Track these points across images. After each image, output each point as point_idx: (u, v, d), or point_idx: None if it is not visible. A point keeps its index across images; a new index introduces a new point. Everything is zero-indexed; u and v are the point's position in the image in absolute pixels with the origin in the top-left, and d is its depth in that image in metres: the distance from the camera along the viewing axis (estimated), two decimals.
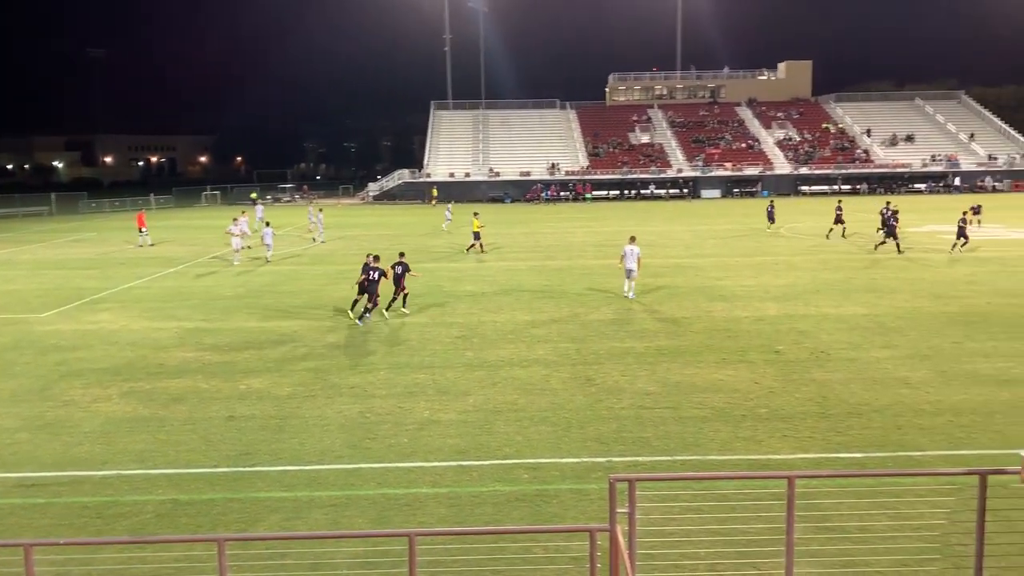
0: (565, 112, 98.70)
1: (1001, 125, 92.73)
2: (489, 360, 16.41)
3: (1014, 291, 22.86)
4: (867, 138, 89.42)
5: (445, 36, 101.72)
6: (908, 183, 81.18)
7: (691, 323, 19.62)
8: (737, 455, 10.93)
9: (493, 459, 11.00)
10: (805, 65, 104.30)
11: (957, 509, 8.30)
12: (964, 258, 30.23)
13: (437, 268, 30.96)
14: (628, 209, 66.37)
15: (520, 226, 50.61)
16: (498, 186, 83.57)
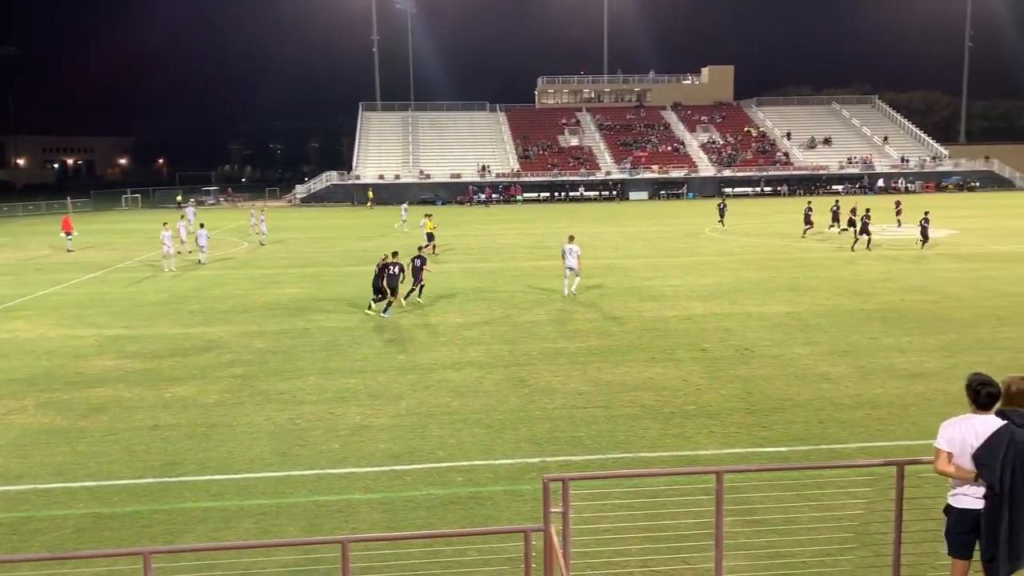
0: (495, 114, 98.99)
1: (912, 128, 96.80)
2: (421, 363, 16.33)
3: (926, 287, 23.88)
4: (787, 141, 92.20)
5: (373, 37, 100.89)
6: (826, 184, 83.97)
7: (621, 323, 19.90)
8: (667, 451, 11.13)
9: (426, 463, 10.95)
10: (727, 70, 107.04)
11: (876, 499, 8.63)
12: (881, 256, 31.42)
13: (367, 271, 30.61)
14: (558, 211, 66.94)
15: (451, 228, 50.49)
16: (429, 188, 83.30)
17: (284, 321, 21.04)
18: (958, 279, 25.38)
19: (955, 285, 24.23)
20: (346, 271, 30.77)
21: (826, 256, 32.18)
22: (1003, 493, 5.72)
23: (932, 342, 17.13)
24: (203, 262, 33.99)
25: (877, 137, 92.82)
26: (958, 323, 18.95)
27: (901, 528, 6.43)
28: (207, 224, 39.74)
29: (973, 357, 15.68)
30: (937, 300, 21.90)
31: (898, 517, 6.41)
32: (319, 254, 37.16)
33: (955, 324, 18.84)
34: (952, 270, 27.48)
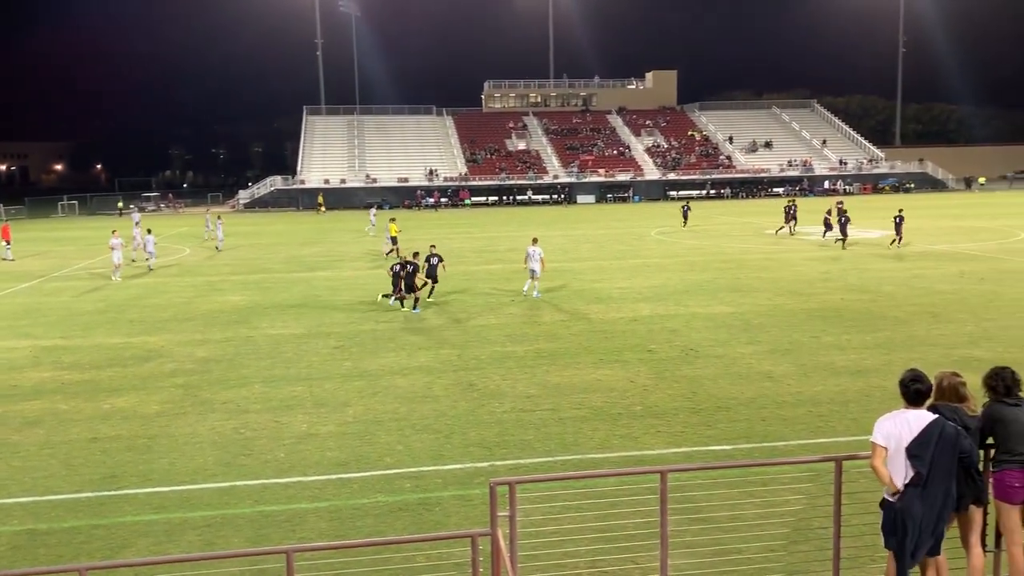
0: (442, 118, 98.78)
1: (850, 132, 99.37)
2: (369, 369, 16.21)
3: (864, 287, 24.53)
4: (729, 145, 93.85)
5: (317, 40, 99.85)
6: (768, 187, 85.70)
7: (569, 326, 20.01)
8: (614, 452, 11.23)
9: (374, 470, 10.87)
10: (671, 75, 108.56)
11: (817, 494, 8.82)
12: (819, 256, 32.18)
13: (312, 277, 30.32)
14: (506, 215, 67.07)
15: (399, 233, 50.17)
16: (376, 192, 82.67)
17: (227, 329, 20.68)
18: (893, 278, 26.13)
19: (890, 284, 24.94)
20: (291, 277, 30.38)
21: (768, 257, 32.83)
22: (922, 485, 5.90)
23: (869, 340, 17.60)
24: (152, 268, 33.53)
25: (816, 140, 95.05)
26: (893, 321, 19.51)
27: (840, 522, 6.59)
28: (151, 230, 38.81)
29: (908, 354, 16.16)
30: (874, 299, 22.52)
31: (837, 511, 6.57)
32: (263, 261, 36.61)
33: (891, 322, 19.39)
34: (888, 270, 28.28)
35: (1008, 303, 21.35)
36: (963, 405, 6.31)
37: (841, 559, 6.66)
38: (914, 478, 5.91)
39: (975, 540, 6.30)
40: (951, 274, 26.74)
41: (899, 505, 5.95)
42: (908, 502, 5.90)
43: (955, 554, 6.54)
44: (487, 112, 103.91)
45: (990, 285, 24.31)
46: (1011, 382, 6.28)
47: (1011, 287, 23.88)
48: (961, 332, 18.10)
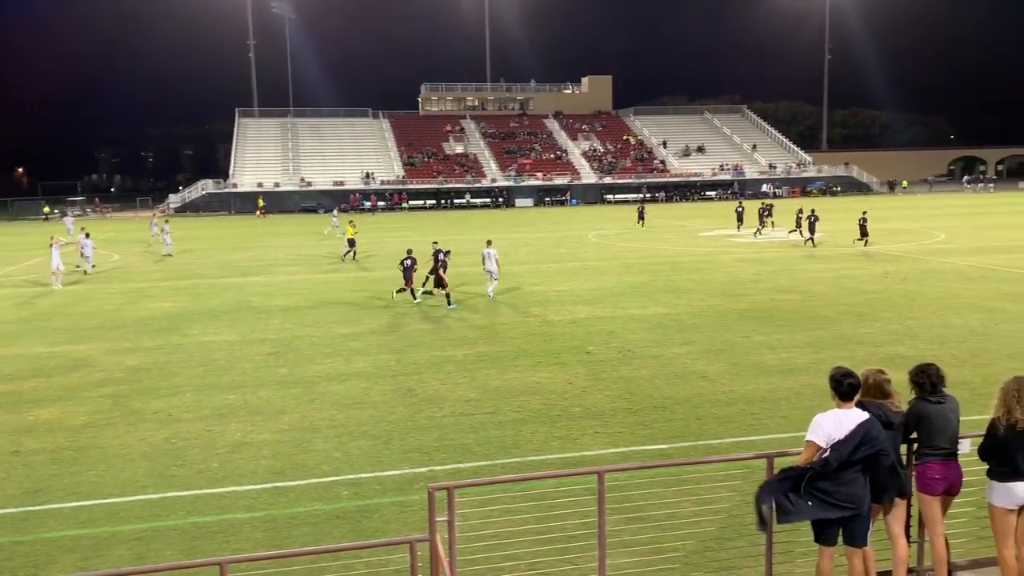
0: (378, 121, 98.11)
1: (779, 137, 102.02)
2: (305, 376, 15.97)
3: (792, 287, 25.19)
4: (663, 149, 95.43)
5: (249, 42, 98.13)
6: (701, 191, 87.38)
7: (508, 329, 20.06)
8: (553, 454, 11.29)
9: (311, 478, 10.71)
10: (606, 80, 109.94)
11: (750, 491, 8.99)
12: (750, 258, 32.94)
13: (246, 283, 29.76)
14: (444, 218, 66.91)
15: (335, 238, 49.64)
16: (311, 196, 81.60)
17: (158, 337, 20.14)
18: (822, 279, 26.91)
19: (819, 284, 25.67)
20: (223, 283, 29.76)
21: (701, 259, 33.46)
22: (830, 468, 6.05)
23: (800, 339, 18.08)
24: (90, 273, 32.77)
25: (747, 145, 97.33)
26: (823, 320, 20.08)
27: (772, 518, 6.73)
28: (89, 233, 37.51)
29: (837, 352, 16.64)
30: (803, 299, 23.14)
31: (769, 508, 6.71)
32: (194, 266, 35.78)
33: (820, 321, 19.95)
34: (816, 270, 29.11)
35: (930, 302, 22.18)
36: (888, 401, 6.52)
37: (773, 553, 6.82)
38: (823, 464, 6.05)
39: (899, 531, 6.52)
40: (876, 274, 27.66)
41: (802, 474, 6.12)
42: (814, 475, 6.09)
43: (881, 545, 6.77)
44: (424, 115, 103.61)
45: (913, 285, 25.22)
46: (936, 379, 6.52)
47: (932, 286, 24.82)
48: (886, 330, 18.73)
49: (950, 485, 6.49)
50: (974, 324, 19.15)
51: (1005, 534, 6.34)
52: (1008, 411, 6.22)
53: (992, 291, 23.67)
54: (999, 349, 16.60)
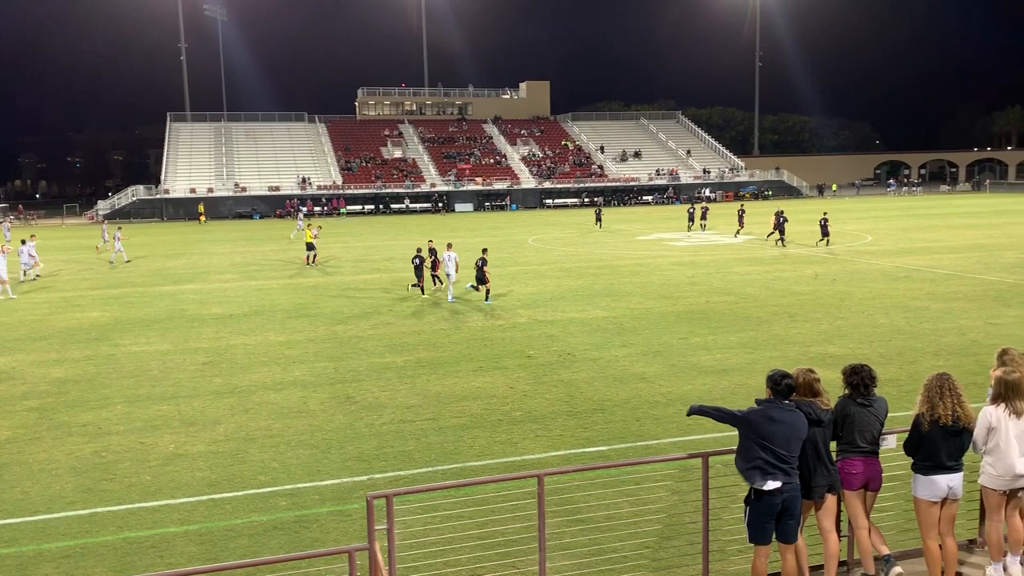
0: (315, 126, 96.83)
1: (712, 142, 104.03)
2: (240, 385, 15.66)
3: (727, 289, 25.72)
4: (601, 154, 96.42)
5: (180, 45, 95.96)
6: (638, 195, 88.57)
7: (450, 334, 20.01)
8: (495, 459, 11.30)
9: (248, 489, 10.51)
10: (544, 85, 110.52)
11: (687, 490, 9.17)
12: (686, 261, 33.50)
13: (179, 291, 29.05)
14: (384, 224, 66.40)
15: (271, 243, 48.87)
16: (246, 202, 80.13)
17: (86, 347, 19.52)
18: (754, 281, 27.53)
19: (752, 286, 26.26)
20: (155, 291, 28.98)
21: (638, 263, 33.91)
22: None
23: (734, 339, 18.46)
24: (33, 278, 32.30)
25: (682, 150, 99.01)
26: (756, 321, 20.54)
27: (708, 516, 6.87)
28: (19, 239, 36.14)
29: (770, 352, 17.05)
30: (737, 300, 23.64)
31: (705, 506, 6.85)
32: (125, 274, 34.78)
33: (753, 322, 20.41)
34: (749, 272, 29.76)
35: (858, 302, 22.88)
36: (817, 399, 6.70)
37: (710, 552, 6.95)
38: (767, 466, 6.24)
39: (830, 526, 6.71)
40: (807, 276, 28.42)
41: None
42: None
43: (813, 540, 6.95)
44: (361, 120, 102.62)
45: (841, 286, 25.98)
46: (868, 379, 6.72)
47: (860, 287, 25.61)
48: (816, 330, 19.25)
49: (869, 480, 6.70)
50: (900, 323, 19.83)
51: (930, 526, 6.57)
52: (931, 407, 6.45)
53: (916, 291, 24.54)
54: (924, 347, 17.21)
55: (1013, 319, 19.94)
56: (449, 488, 7.44)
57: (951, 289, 24.69)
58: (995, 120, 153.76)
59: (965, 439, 6.51)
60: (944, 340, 17.82)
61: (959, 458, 6.56)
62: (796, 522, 6.34)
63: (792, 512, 6.28)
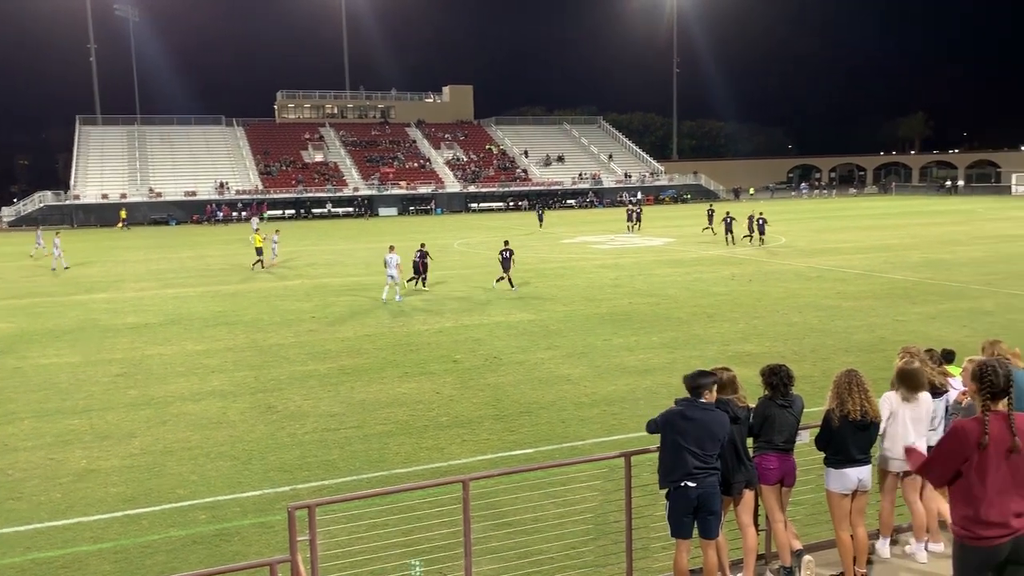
0: (232, 129, 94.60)
1: (633, 147, 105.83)
2: (157, 397, 15.18)
3: (649, 291, 26.20)
4: (525, 159, 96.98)
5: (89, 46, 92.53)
6: (562, 199, 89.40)
7: (373, 340, 19.81)
8: (421, 465, 11.24)
9: (165, 503, 10.19)
10: (467, 90, 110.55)
11: (612, 490, 9.28)
12: (609, 264, 33.97)
13: (91, 300, 27.97)
14: (305, 228, 65.26)
15: (187, 249, 47.54)
16: (161, 207, 77.71)
17: None
18: (675, 282, 28.13)
19: (672, 288, 26.82)
20: (66, 300, 27.83)
21: (563, 266, 34.23)
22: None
23: (655, 340, 18.82)
24: None
25: (603, 155, 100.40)
26: (676, 321, 20.98)
27: (631, 515, 6.99)
28: None
29: (690, 351, 17.44)
30: (658, 302, 24.11)
31: (628, 505, 6.96)
32: (33, 283, 33.29)
33: (673, 323, 20.84)
34: (670, 274, 30.38)
35: (773, 301, 23.61)
36: (734, 397, 6.89)
37: (634, 550, 7.06)
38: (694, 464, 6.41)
39: (748, 521, 6.90)
40: (724, 277, 29.17)
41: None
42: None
43: (733, 535, 7.14)
44: (281, 123, 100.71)
45: (757, 286, 26.77)
46: (786, 379, 6.94)
47: (775, 287, 26.43)
48: (734, 329, 19.78)
49: (784, 475, 6.93)
50: (813, 321, 20.54)
51: (842, 517, 6.83)
52: (840, 403, 6.70)
53: (828, 290, 25.47)
54: (835, 344, 17.87)
55: (918, 316, 20.88)
56: (373, 496, 7.38)
57: (860, 288, 25.71)
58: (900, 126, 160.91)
59: (873, 433, 6.79)
60: (855, 337, 18.54)
61: (868, 451, 6.84)
62: (716, 518, 6.49)
63: (710, 508, 6.43)
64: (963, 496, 4.94)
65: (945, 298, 23.43)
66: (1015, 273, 28.01)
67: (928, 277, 27.67)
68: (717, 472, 6.46)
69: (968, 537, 4.91)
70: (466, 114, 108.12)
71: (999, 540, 4.86)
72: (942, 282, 26.46)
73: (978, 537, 4.87)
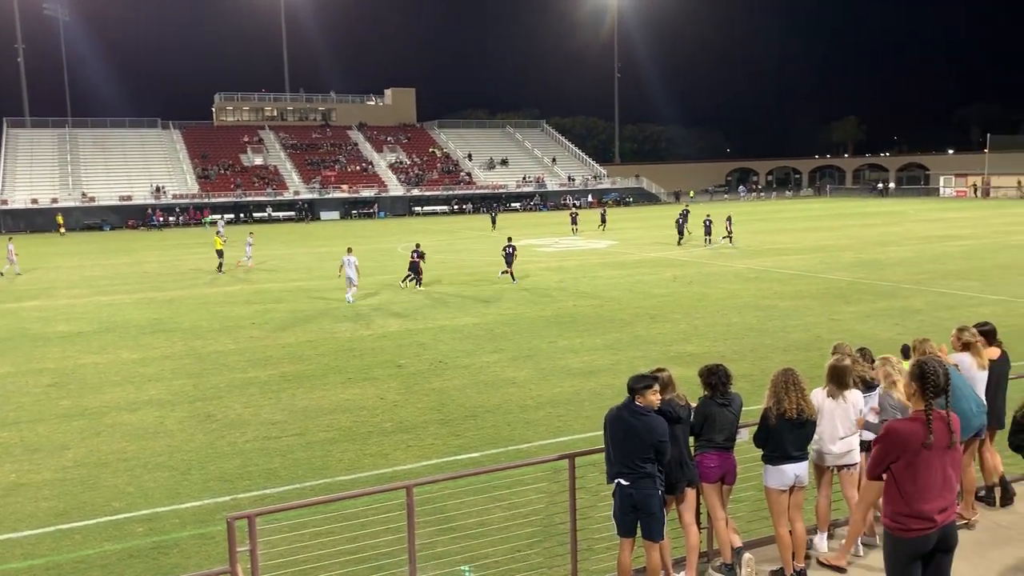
0: (168, 132, 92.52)
1: (576, 151, 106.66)
2: (91, 407, 14.73)
3: (593, 293, 26.42)
4: (469, 162, 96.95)
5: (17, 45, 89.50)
6: (506, 203, 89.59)
7: (316, 346, 19.56)
8: (365, 472, 11.13)
9: (100, 517, 9.90)
10: (409, 92, 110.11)
11: (557, 491, 9.33)
12: (553, 267, 34.15)
13: (20, 308, 27.03)
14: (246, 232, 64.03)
15: (123, 255, 46.30)
16: (95, 212, 75.54)
17: None
18: (618, 284, 28.42)
19: (616, 290, 27.09)
20: None
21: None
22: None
23: (599, 341, 18.98)
24: None
25: (547, 158, 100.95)
26: (619, 323, 21.20)
27: (576, 516, 7.03)
28: None
29: (633, 352, 17.64)
30: (602, 304, 24.33)
31: (572, 506, 7.00)
32: None
33: (617, 324, 21.05)
34: (613, 276, 30.68)
35: (713, 302, 24.02)
36: (675, 396, 6.99)
37: (579, 550, 7.11)
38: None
39: (690, 519, 7.00)
40: (666, 279, 29.58)
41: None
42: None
43: (675, 533, 7.23)
44: (219, 126, 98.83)
45: (697, 287, 27.21)
46: (724, 378, 7.06)
47: (715, 288, 26.90)
48: (676, 330, 20.07)
49: (725, 473, 7.06)
50: (751, 321, 20.96)
51: (780, 513, 6.97)
52: (777, 401, 6.85)
53: (766, 290, 26.02)
54: (773, 343, 18.27)
55: (852, 314, 21.47)
56: (316, 504, 7.28)
57: (797, 288, 26.33)
58: (834, 130, 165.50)
59: (809, 430, 6.96)
60: (792, 336, 18.97)
61: (804, 448, 7.01)
62: (656, 520, 6.52)
63: (648, 510, 6.47)
64: (896, 492, 5.11)
65: (878, 297, 24.14)
66: (943, 272, 29.02)
67: (862, 277, 28.48)
68: (651, 476, 6.45)
69: (898, 529, 5.09)
70: (409, 117, 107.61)
71: (926, 532, 5.04)
72: (875, 282, 27.27)
73: (908, 529, 5.05)
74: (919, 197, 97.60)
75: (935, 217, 59.95)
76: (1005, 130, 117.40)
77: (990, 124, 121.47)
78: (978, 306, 21.93)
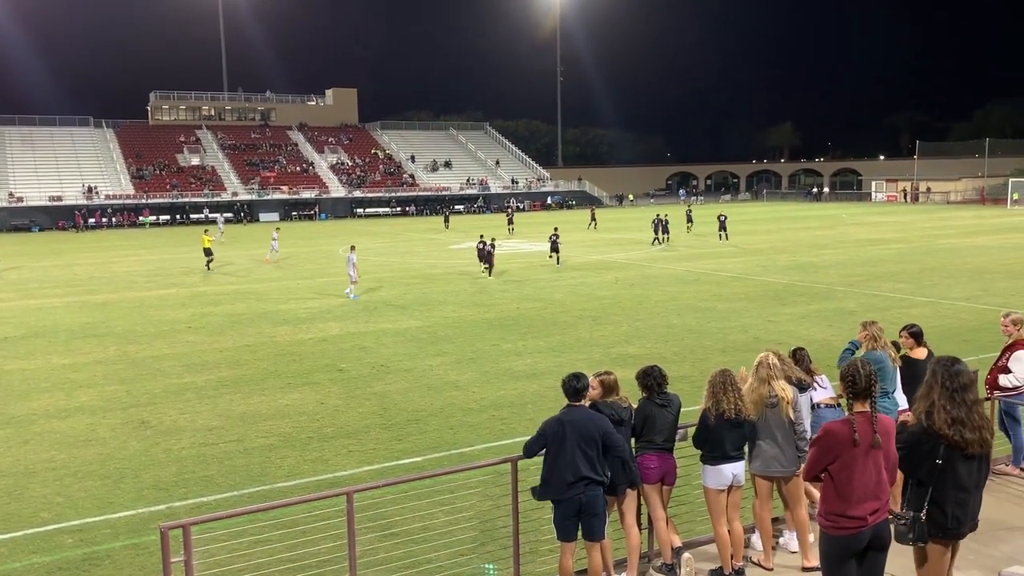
0: (101, 131, 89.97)
1: (519, 153, 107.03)
2: (17, 415, 14.21)
3: (536, 296, 26.52)
4: (412, 164, 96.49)
5: None
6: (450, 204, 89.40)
7: (254, 350, 19.21)
8: (305, 478, 10.97)
9: (27, 528, 9.55)
10: (351, 93, 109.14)
11: (499, 495, 9.32)
12: (497, 269, 34.16)
13: None
14: (182, 234, 62.67)
15: (52, 257, 44.84)
16: (23, 213, 73.02)
17: None
18: (561, 287, 28.58)
19: (559, 292, 27.24)
20: None
21: (451, 271, 34.18)
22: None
23: (543, 344, 19.05)
24: None
25: (490, 161, 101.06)
26: (562, 325, 21.31)
27: (518, 520, 7.04)
28: None
29: (576, 355, 17.75)
30: (545, 306, 24.44)
31: (515, 510, 7.01)
32: None
33: (560, 327, 21.16)
34: (556, 279, 30.85)
35: (654, 304, 24.33)
36: (617, 399, 7.05)
37: (521, 554, 7.11)
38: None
39: (631, 520, 7.08)
40: (608, 281, 29.86)
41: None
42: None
43: (616, 535, 7.30)
44: (154, 125, 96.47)
45: (639, 289, 27.53)
46: (659, 379, 7.16)
47: (656, 290, 27.25)
48: (618, 332, 20.27)
49: (665, 474, 7.16)
50: (691, 323, 21.29)
51: (719, 512, 7.09)
52: (716, 402, 6.97)
53: (705, 293, 26.47)
54: (712, 344, 18.58)
55: (788, 316, 21.97)
56: (254, 512, 7.14)
57: (735, 291, 26.84)
58: (770, 135, 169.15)
59: (746, 430, 7.09)
60: (730, 338, 19.32)
61: (742, 448, 7.14)
62: (600, 520, 6.61)
63: (593, 510, 6.54)
64: (832, 492, 5.25)
65: (813, 299, 24.76)
66: (874, 275, 29.91)
67: (797, 279, 29.18)
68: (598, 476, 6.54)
69: (832, 527, 5.24)
70: (350, 117, 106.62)
71: (858, 530, 5.19)
72: (810, 284, 27.96)
73: (841, 527, 5.19)
74: (852, 202, 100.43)
75: (867, 221, 61.77)
76: (933, 137, 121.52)
77: (918, 131, 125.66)
78: (908, 307, 22.67)
